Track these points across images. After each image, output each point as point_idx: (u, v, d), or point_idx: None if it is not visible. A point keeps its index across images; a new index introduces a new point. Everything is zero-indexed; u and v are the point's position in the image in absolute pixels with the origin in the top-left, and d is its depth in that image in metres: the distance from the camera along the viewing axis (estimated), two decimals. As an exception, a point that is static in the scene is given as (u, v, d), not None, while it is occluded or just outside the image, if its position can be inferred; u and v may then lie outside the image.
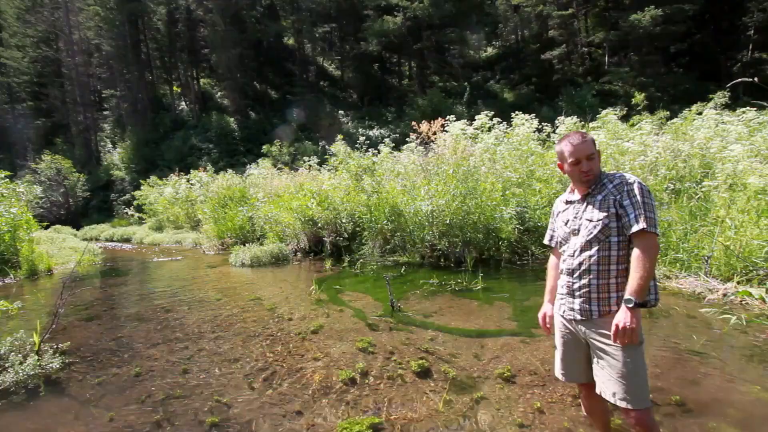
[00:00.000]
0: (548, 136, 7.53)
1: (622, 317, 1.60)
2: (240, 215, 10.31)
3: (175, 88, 37.17)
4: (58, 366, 3.31)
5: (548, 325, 1.98)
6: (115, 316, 4.87)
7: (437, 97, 25.86)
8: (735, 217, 4.37)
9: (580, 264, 1.74)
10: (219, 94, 36.87)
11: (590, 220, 1.72)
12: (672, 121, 7.41)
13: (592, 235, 1.71)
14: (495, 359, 3.13)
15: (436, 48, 33.59)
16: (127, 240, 16.88)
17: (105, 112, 36.67)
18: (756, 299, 3.41)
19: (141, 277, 7.76)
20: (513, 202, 6.34)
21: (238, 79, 32.57)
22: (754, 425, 2.19)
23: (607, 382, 1.70)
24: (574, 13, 30.57)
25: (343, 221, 7.97)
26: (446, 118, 7.81)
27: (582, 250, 1.74)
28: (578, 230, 1.78)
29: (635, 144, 6.15)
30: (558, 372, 1.96)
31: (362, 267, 6.79)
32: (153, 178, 18.86)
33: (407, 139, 8.53)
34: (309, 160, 11.82)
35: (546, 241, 2.06)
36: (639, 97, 7.73)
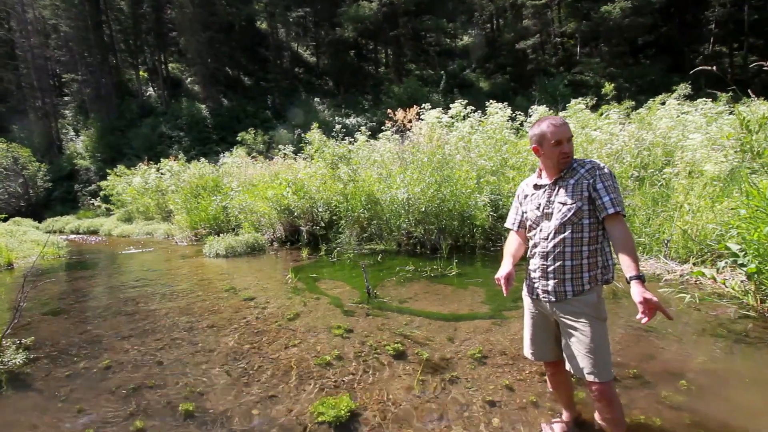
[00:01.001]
0: (521, 125, 7.68)
1: (649, 294, 1.55)
2: (213, 205, 10.08)
3: (141, 73, 35.55)
4: (21, 362, 3.20)
5: (507, 286, 1.84)
6: (83, 310, 4.71)
7: (414, 85, 25.81)
8: (692, 202, 4.62)
9: (555, 246, 1.78)
10: (189, 79, 35.53)
11: (564, 204, 1.76)
12: (637, 111, 7.70)
13: (566, 218, 1.74)
14: (467, 341, 3.23)
15: (413, 35, 33.39)
16: (94, 232, 16.24)
17: (66, 98, 34.70)
18: (708, 279, 3.65)
19: (110, 270, 7.51)
20: (487, 190, 6.47)
21: (209, 64, 31.45)
22: (701, 393, 2.37)
23: (576, 357, 1.78)
24: (548, 3, 30.98)
25: (320, 210, 7.93)
26: (422, 107, 7.84)
27: (556, 233, 1.77)
28: (551, 214, 1.80)
29: (603, 133, 6.37)
30: (527, 351, 2.03)
31: (339, 256, 6.80)
32: (120, 168, 18.10)
33: (383, 127, 8.51)
34: (284, 149, 11.62)
35: (509, 225, 2.04)
36: (608, 88, 8.00)
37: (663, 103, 7.55)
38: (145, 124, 28.84)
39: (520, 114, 7.72)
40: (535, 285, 1.89)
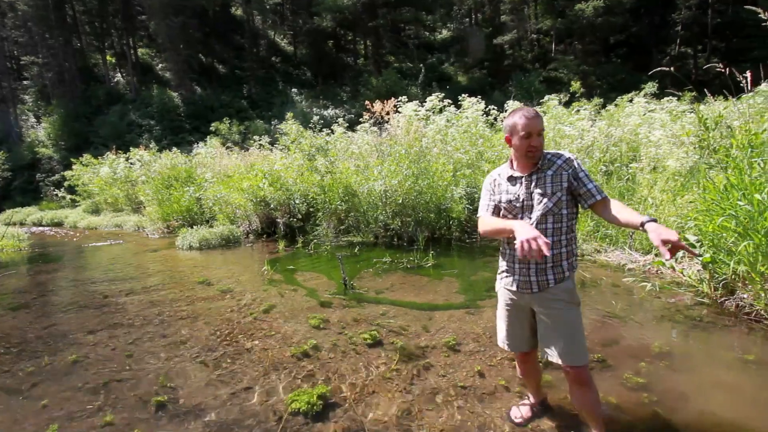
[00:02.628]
0: (495, 119, 7.81)
1: (667, 233, 1.43)
2: (186, 196, 9.80)
3: (108, 57, 33.91)
4: (-21, 357, 3.06)
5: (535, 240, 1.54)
6: (47, 304, 4.53)
7: (392, 78, 25.74)
8: (656, 196, 4.85)
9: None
10: (160, 66, 34.18)
11: (543, 194, 1.76)
12: (607, 108, 7.97)
13: (547, 209, 1.75)
14: (442, 330, 3.30)
15: (392, 27, 33.21)
16: (59, 224, 15.51)
17: (25, 82, 32.73)
18: (668, 268, 3.86)
19: (76, 263, 7.22)
20: (463, 183, 6.57)
21: (181, 51, 30.30)
22: (657, 374, 2.52)
23: (556, 344, 1.81)
24: (525, 0, 31.37)
25: (297, 202, 7.85)
26: (399, 99, 7.84)
27: (537, 225, 1.77)
28: (531, 206, 1.79)
29: (574, 129, 6.56)
30: (502, 342, 2.06)
31: (316, 248, 6.77)
32: (86, 157, 17.27)
33: (361, 119, 8.48)
34: (260, 140, 11.40)
35: (483, 211, 1.94)
36: (576, 86, 8.24)
37: (631, 101, 7.85)
38: (112, 111, 27.58)
39: (494, 109, 7.85)
40: (515, 277, 1.88)
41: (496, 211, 1.91)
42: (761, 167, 2.98)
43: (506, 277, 1.94)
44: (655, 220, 1.55)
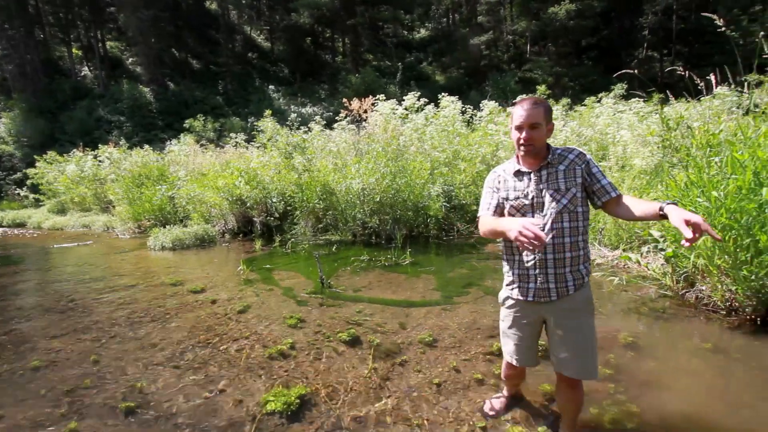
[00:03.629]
0: (471, 118, 7.93)
1: (689, 214, 1.34)
2: (159, 195, 9.51)
3: (74, 50, 32.45)
4: (-68, 366, 2.88)
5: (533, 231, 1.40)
6: (6, 308, 4.31)
7: (371, 76, 25.71)
8: (625, 194, 5.03)
9: (553, 238, 1.64)
10: (130, 60, 32.97)
11: (557, 191, 1.63)
12: (576, 108, 8.21)
13: (562, 206, 1.62)
14: (419, 326, 3.34)
15: (370, 25, 33.14)
16: (21, 225, 14.76)
17: (-18, 75, 30.92)
18: (634, 263, 4.03)
19: (40, 265, 6.89)
20: (440, 181, 6.64)
21: (153, 45, 29.32)
22: (623, 364, 2.63)
23: (572, 358, 1.69)
24: (501, 1, 31.91)
25: (274, 200, 7.74)
26: (377, 97, 7.85)
27: (553, 224, 1.63)
28: (543, 203, 1.66)
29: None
30: (510, 357, 1.91)
31: (294, 247, 6.71)
32: (51, 154, 16.47)
33: (337, 117, 8.45)
34: (236, 137, 11.17)
35: (484, 211, 1.80)
36: (542, 89, 8.48)
37: (599, 101, 8.12)
38: (79, 106, 26.42)
39: (470, 107, 7.96)
40: (530, 285, 1.72)
41: (499, 209, 1.76)
42: (718, 166, 3.14)
43: (519, 287, 1.76)
44: (675, 203, 1.44)
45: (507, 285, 1.86)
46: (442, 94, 8.04)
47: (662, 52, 28.86)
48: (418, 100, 7.80)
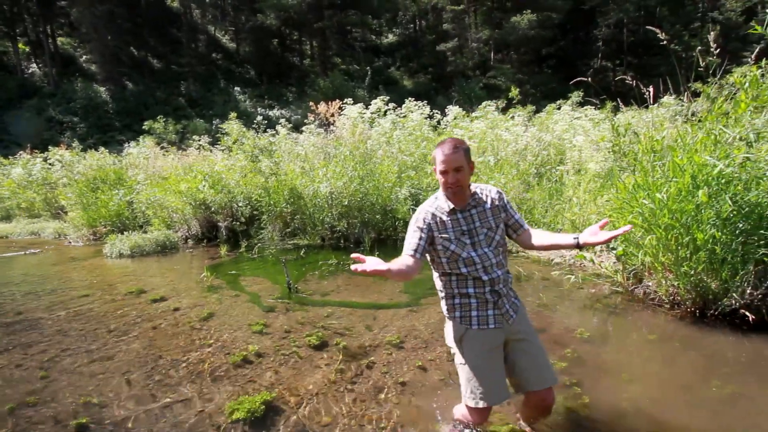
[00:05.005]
0: (438, 123, 8.12)
1: (593, 239, 1.67)
2: (116, 200, 9.06)
3: (21, 45, 30.39)
4: None
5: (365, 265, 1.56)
6: (-58, 324, 3.97)
7: (339, 80, 25.70)
8: (579, 196, 5.31)
9: (497, 268, 1.77)
10: (84, 57, 31.26)
11: (490, 228, 1.78)
12: (538, 114, 8.59)
13: (497, 242, 1.78)
14: (385, 328, 3.37)
15: (339, 29, 33.14)
16: (-42, 233, 13.59)
17: None
18: (588, 261, 4.26)
19: (-20, 276, 6.38)
20: (408, 184, 6.73)
21: (109, 42, 27.99)
22: (579, 358, 2.77)
23: (537, 369, 1.77)
24: (465, 9, 32.81)
25: (240, 205, 7.57)
26: (345, 101, 7.87)
27: (495, 259, 1.76)
28: (481, 240, 1.76)
29: (510, 134, 6.99)
30: (485, 399, 1.75)
31: (261, 252, 6.58)
32: (-7, 156, 15.35)
33: (306, 120, 8.40)
34: (200, 140, 10.83)
35: (410, 251, 1.73)
36: (515, 92, 8.82)
37: (559, 108, 8.54)
38: (27, 106, 24.79)
39: (437, 113, 8.14)
40: (489, 312, 1.77)
41: (423, 252, 1.75)
42: (661, 170, 3.39)
43: (477, 317, 1.78)
44: (577, 237, 1.73)
45: (458, 319, 1.81)
46: (410, 98, 8.17)
47: (615, 63, 30.64)
48: (387, 104, 7.89)
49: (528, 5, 26.92)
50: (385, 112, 7.93)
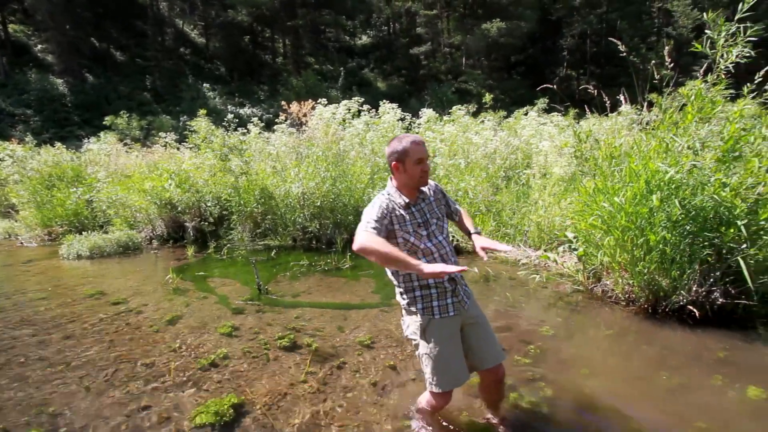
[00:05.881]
0: (410, 125, 8.20)
1: (483, 242, 1.90)
2: (74, 198, 8.59)
3: (-34, 32, 28.25)
4: None
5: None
6: None
7: (312, 79, 25.48)
8: (545, 199, 5.52)
9: (453, 257, 1.90)
10: (39, 47, 29.44)
11: (439, 219, 1.92)
12: (507, 119, 8.87)
13: (445, 230, 1.94)
14: (357, 329, 3.39)
15: (312, 28, 32.85)
16: None
17: None
18: (552, 262, 4.44)
19: None
20: (380, 185, 6.77)
21: (67, 32, 26.50)
22: (542, 354, 2.89)
23: (492, 346, 1.93)
24: (438, 14, 33.34)
25: (208, 204, 7.36)
26: (318, 101, 7.83)
27: (448, 248, 1.90)
28: (434, 231, 1.88)
29: (480, 138, 7.18)
30: (453, 381, 1.86)
31: (230, 253, 6.44)
32: (-67, 150, 14.17)
33: (277, 120, 8.28)
34: (166, 137, 10.44)
35: (374, 228, 1.71)
36: (488, 97, 9.11)
37: (526, 114, 8.85)
38: (-28, 97, 23.06)
39: (408, 115, 8.22)
40: (449, 300, 1.86)
41: (391, 235, 1.80)
42: (619, 175, 3.59)
43: (438, 306, 1.85)
44: (479, 232, 2.00)
45: (420, 311, 1.86)
46: (384, 101, 8.22)
47: (579, 72, 32.01)
48: (361, 106, 7.90)
49: (498, 13, 27.73)
50: (359, 113, 7.94)
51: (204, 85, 29.68)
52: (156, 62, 30.10)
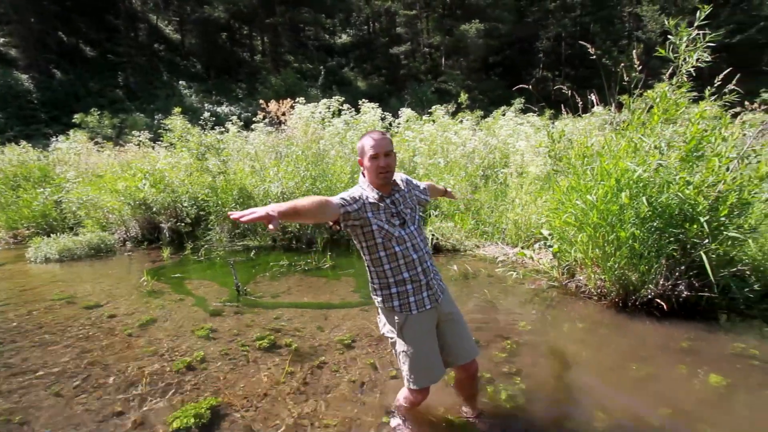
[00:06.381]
0: (390, 125, 8.25)
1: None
2: (41, 199, 8.25)
3: None
4: None
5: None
6: None
7: (292, 78, 25.22)
8: (522, 198, 5.65)
9: (424, 248, 1.90)
10: (2, 41, 28.06)
11: (412, 210, 1.92)
12: (485, 119, 9.02)
13: (418, 220, 1.94)
14: (337, 328, 3.39)
15: (291, 26, 32.48)
16: None
17: None
18: (528, 258, 4.55)
19: None
20: (361, 185, 6.78)
21: (33, 25, 25.36)
22: (518, 348, 2.96)
23: (466, 341, 1.95)
24: (418, 15, 33.54)
25: (185, 205, 7.20)
26: (296, 100, 7.77)
27: (420, 238, 1.90)
28: (408, 220, 1.87)
29: (459, 138, 7.27)
30: (430, 377, 1.87)
31: (208, 254, 6.31)
32: None
33: (255, 119, 8.18)
34: (140, 135, 10.14)
35: (338, 200, 1.70)
36: (463, 97, 9.22)
37: (504, 114, 9.02)
38: (-72, 92, 21.80)
39: (389, 114, 8.26)
40: (424, 294, 1.86)
41: (347, 213, 1.72)
42: (591, 173, 3.71)
43: (414, 301, 1.85)
44: (449, 191, 2.42)
45: (396, 308, 1.86)
46: (363, 100, 8.23)
47: (554, 73, 32.80)
48: (341, 105, 7.88)
49: (476, 15, 28.14)
50: (340, 112, 7.92)
51: (180, 82, 28.95)
52: (129, 58, 29.15)
